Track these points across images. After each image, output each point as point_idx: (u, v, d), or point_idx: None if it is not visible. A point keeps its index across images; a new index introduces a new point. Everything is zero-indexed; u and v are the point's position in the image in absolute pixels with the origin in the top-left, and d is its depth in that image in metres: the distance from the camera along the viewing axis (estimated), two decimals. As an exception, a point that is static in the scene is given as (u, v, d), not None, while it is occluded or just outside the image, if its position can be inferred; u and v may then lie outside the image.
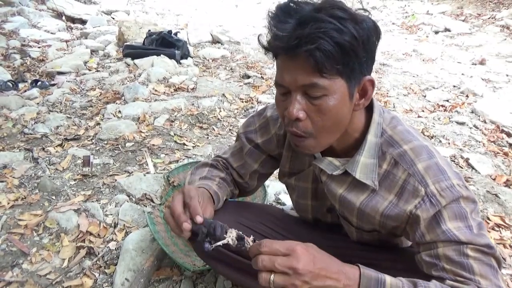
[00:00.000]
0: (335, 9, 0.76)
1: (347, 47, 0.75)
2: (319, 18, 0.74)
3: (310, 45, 0.73)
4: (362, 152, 0.92)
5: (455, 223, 0.83)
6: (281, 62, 0.83)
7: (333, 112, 0.82)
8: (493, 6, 8.36)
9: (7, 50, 4.61)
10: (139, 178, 2.17)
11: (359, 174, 0.93)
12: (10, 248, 1.69)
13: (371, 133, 0.93)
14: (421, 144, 0.91)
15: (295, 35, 0.75)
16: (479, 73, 4.73)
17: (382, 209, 0.92)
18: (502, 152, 2.79)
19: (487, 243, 0.82)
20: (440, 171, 0.86)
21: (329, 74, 0.77)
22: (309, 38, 0.73)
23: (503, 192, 2.26)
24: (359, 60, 0.79)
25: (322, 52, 0.74)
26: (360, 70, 0.81)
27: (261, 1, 10.29)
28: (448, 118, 3.38)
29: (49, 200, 2.01)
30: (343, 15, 0.75)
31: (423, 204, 0.85)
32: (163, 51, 4.49)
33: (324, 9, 0.76)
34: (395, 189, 0.91)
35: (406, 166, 0.89)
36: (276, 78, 0.85)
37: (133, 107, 3.16)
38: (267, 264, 0.75)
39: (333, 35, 0.73)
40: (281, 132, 1.14)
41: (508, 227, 1.99)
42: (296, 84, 0.80)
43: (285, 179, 1.21)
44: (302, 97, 0.81)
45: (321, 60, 0.74)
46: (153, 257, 1.58)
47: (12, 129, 2.80)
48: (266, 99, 3.57)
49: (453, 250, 0.82)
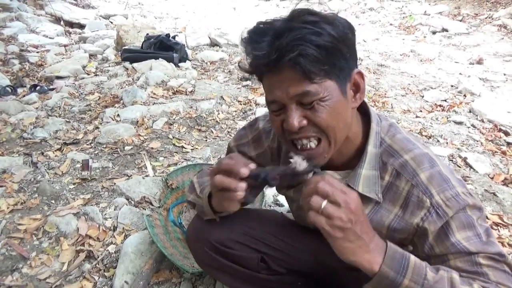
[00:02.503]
0: (305, 15, 0.76)
1: (329, 47, 0.75)
2: (293, 27, 0.75)
3: (291, 53, 0.73)
4: (363, 165, 0.91)
5: (463, 233, 0.82)
6: (267, 81, 0.83)
7: (332, 113, 0.81)
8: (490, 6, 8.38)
9: (6, 56, 4.62)
10: (138, 181, 2.17)
11: (362, 187, 0.91)
12: (9, 252, 1.70)
13: (371, 143, 0.91)
14: (422, 152, 0.90)
15: (274, 48, 0.75)
16: (477, 73, 4.74)
17: (388, 223, 0.91)
18: (500, 151, 2.80)
19: (498, 251, 0.82)
20: (443, 180, 0.85)
21: (317, 78, 0.77)
22: (288, 47, 0.74)
23: (501, 190, 2.26)
24: (344, 57, 0.79)
25: (305, 57, 0.74)
26: (347, 66, 0.81)
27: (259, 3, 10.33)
28: (446, 117, 3.39)
29: (48, 204, 2.02)
30: (315, 19, 0.75)
31: (429, 216, 0.84)
32: (161, 54, 4.50)
33: (295, 18, 0.77)
34: (399, 201, 0.89)
35: (409, 176, 0.88)
36: (267, 98, 0.85)
37: (132, 111, 3.17)
38: (326, 189, 0.74)
39: (312, 39, 0.74)
40: (274, 145, 1.13)
41: (506, 226, 1.99)
42: (289, 96, 0.80)
43: (284, 191, 1.19)
44: (298, 107, 0.81)
45: (306, 65, 0.74)
46: (152, 259, 1.58)
47: (11, 134, 2.81)
48: (264, 101, 3.57)
49: (465, 261, 0.81)
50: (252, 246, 1.17)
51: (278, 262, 1.20)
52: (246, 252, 1.13)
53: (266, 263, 1.18)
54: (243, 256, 1.13)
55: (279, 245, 1.21)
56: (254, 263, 1.15)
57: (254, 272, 1.16)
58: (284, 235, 1.24)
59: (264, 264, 1.18)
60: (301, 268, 1.22)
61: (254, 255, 1.16)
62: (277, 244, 1.21)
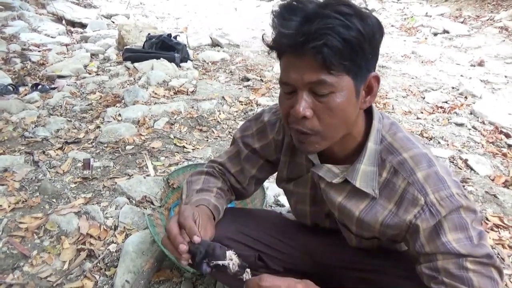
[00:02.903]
0: (340, 5, 0.75)
1: (354, 43, 0.74)
2: (325, 14, 0.74)
3: (317, 42, 0.73)
4: (362, 160, 0.91)
5: (455, 234, 0.82)
6: (286, 60, 0.82)
7: (340, 110, 0.81)
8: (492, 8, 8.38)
9: (8, 54, 4.63)
10: (139, 180, 2.18)
11: (359, 182, 0.92)
12: (11, 250, 1.70)
13: (371, 140, 0.92)
14: (421, 152, 0.90)
15: (301, 32, 0.74)
16: (478, 75, 4.74)
17: (382, 218, 0.92)
18: (501, 153, 2.80)
19: (486, 253, 0.82)
20: (439, 180, 0.86)
21: (336, 70, 0.76)
22: (316, 34, 0.73)
23: (502, 192, 2.27)
24: (366, 56, 0.79)
25: (330, 48, 0.73)
26: (366, 67, 0.81)
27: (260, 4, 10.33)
28: (447, 119, 3.39)
29: (49, 203, 2.02)
30: (349, 11, 0.74)
31: (422, 214, 0.85)
32: (163, 54, 4.51)
33: (330, 6, 0.76)
34: (394, 198, 0.90)
35: (406, 174, 0.88)
36: (281, 77, 0.84)
37: (133, 110, 3.18)
38: None
39: (340, 31, 0.73)
40: (279, 137, 1.13)
41: (507, 228, 1.99)
42: (303, 82, 0.79)
43: (283, 184, 1.19)
44: (309, 95, 0.80)
45: (328, 56, 0.74)
46: (153, 259, 1.58)
47: (13, 133, 2.81)
48: (265, 102, 3.59)
49: (453, 264, 0.81)
50: (249, 245, 1.17)
51: (275, 261, 1.20)
52: (243, 250, 1.13)
53: (263, 262, 1.18)
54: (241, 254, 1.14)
55: (276, 244, 1.21)
56: (252, 261, 1.16)
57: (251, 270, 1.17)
58: (281, 234, 1.24)
59: (261, 262, 1.18)
60: (298, 267, 1.22)
61: (251, 253, 1.17)
62: (274, 243, 1.21)
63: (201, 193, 1.11)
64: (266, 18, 0.84)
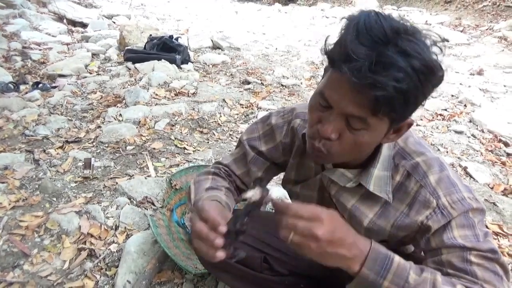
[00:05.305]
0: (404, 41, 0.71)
1: (411, 99, 0.72)
2: (394, 61, 0.69)
3: (380, 92, 0.69)
4: (376, 165, 0.92)
5: (462, 231, 0.84)
6: (337, 78, 0.76)
7: (364, 144, 0.81)
8: (491, 18, 8.46)
9: (9, 52, 4.62)
10: (140, 181, 2.18)
11: (373, 186, 0.92)
12: (11, 249, 1.69)
13: (385, 145, 0.92)
14: (433, 156, 0.92)
15: (369, 76, 0.69)
16: (477, 83, 4.77)
17: (394, 220, 0.93)
18: (500, 162, 2.82)
19: (490, 247, 0.83)
20: (451, 183, 0.87)
21: (382, 115, 0.75)
22: (381, 84, 0.69)
23: (501, 200, 2.28)
24: (415, 107, 0.77)
25: (387, 98, 0.70)
26: (409, 114, 0.79)
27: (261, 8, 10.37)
28: (446, 127, 3.41)
29: (50, 202, 2.02)
30: (418, 65, 0.70)
31: (434, 216, 0.86)
32: (164, 55, 4.51)
33: (394, 38, 0.70)
34: (406, 200, 0.91)
35: (419, 178, 0.89)
36: (323, 89, 0.80)
37: (134, 111, 3.18)
38: (289, 225, 0.73)
39: (402, 85, 0.69)
40: (287, 140, 1.13)
41: (506, 236, 2.01)
42: (343, 110, 0.77)
43: (290, 186, 1.20)
44: (342, 120, 0.78)
45: (382, 104, 0.71)
46: (155, 259, 1.58)
47: (13, 131, 2.80)
48: (266, 105, 3.60)
49: (457, 257, 0.82)
50: (255, 247, 1.18)
51: (280, 263, 1.20)
52: (249, 252, 1.13)
53: (268, 264, 1.19)
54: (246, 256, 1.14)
55: (281, 246, 1.21)
56: (257, 263, 1.16)
57: (256, 272, 1.17)
58: None
59: (266, 264, 1.18)
60: (303, 270, 1.22)
61: (257, 255, 1.17)
62: (279, 246, 1.21)
63: (212, 191, 1.10)
64: (267, 22, 0.82)
